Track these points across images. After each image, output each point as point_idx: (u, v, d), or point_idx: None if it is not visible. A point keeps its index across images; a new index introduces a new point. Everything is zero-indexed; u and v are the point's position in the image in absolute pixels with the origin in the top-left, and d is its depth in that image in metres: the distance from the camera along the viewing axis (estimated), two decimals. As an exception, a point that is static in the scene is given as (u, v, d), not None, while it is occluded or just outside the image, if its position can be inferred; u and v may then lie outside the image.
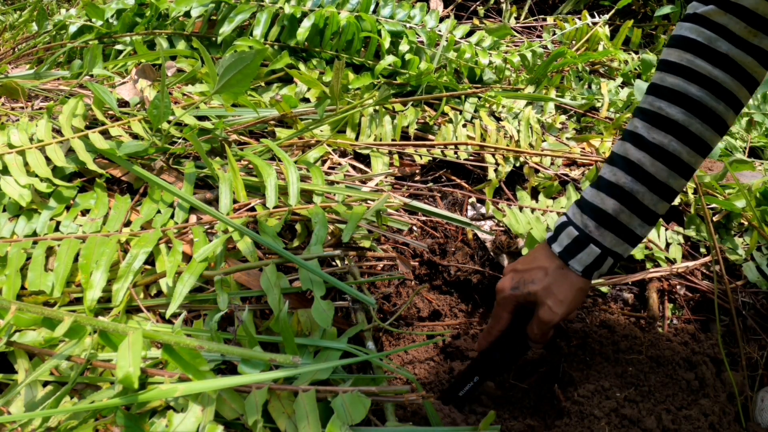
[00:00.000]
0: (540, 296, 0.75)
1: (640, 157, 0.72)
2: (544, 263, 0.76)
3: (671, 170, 0.72)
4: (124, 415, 0.58)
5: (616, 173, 0.73)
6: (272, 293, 0.75)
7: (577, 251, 0.74)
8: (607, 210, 0.73)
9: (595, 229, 0.73)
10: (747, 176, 1.25)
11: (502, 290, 0.79)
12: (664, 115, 0.71)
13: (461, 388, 0.82)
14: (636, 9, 2.23)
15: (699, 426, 0.80)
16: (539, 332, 0.77)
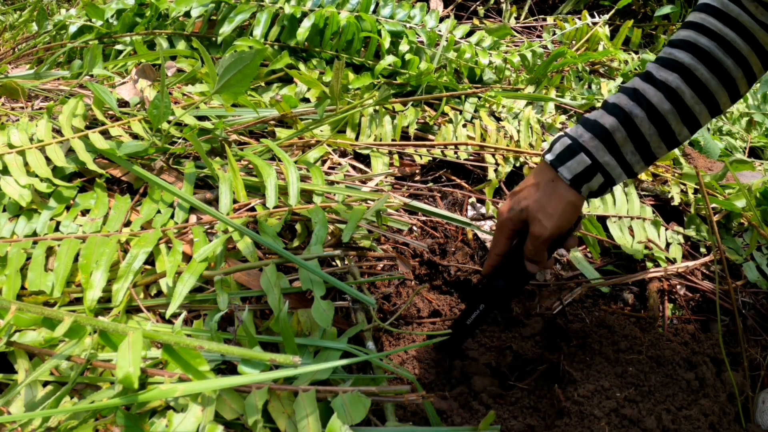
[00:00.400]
0: (531, 211, 0.77)
1: (645, 88, 0.75)
2: (537, 178, 0.78)
3: (673, 107, 0.74)
4: (124, 415, 0.58)
5: (620, 97, 0.76)
6: (272, 293, 0.75)
7: (568, 158, 0.75)
8: (604, 124, 0.75)
9: (589, 140, 0.75)
10: (747, 176, 1.25)
11: (500, 214, 0.81)
12: (672, 59, 0.75)
13: (468, 316, 0.84)
14: (636, 9, 2.23)
15: (699, 426, 0.80)
16: (533, 249, 0.78)
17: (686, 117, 0.75)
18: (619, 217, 1.13)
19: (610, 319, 0.92)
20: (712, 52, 0.73)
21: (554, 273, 1.05)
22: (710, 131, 1.58)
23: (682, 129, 0.75)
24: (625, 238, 1.09)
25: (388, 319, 0.82)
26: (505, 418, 0.82)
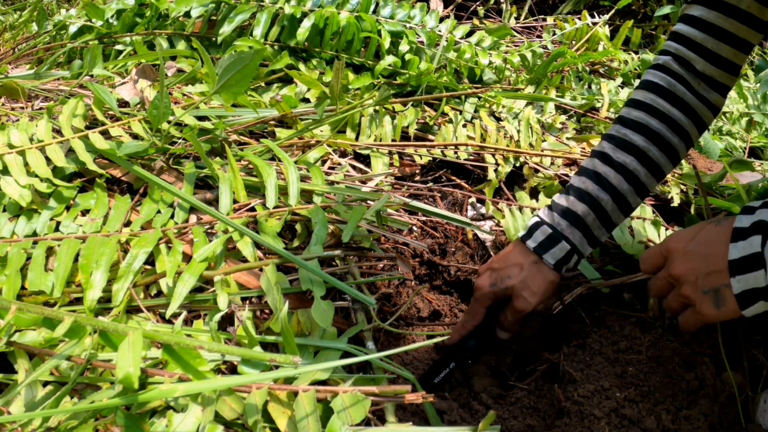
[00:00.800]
0: (516, 289, 0.83)
1: (606, 171, 0.83)
2: (519, 260, 0.84)
3: (630, 186, 0.83)
4: (124, 415, 0.58)
5: (585, 182, 0.84)
6: (272, 293, 0.75)
7: (551, 246, 0.83)
8: (577, 212, 0.83)
9: (567, 228, 0.83)
10: (747, 176, 1.25)
11: (481, 287, 0.85)
12: (628, 141, 0.83)
13: (437, 374, 0.85)
14: (636, 9, 2.23)
15: (699, 426, 0.80)
16: (513, 320, 0.84)
17: (640, 191, 0.85)
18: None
19: (610, 319, 0.92)
20: (662, 134, 0.83)
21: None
22: (710, 131, 1.58)
23: (636, 200, 0.85)
24: (625, 238, 1.09)
25: (388, 319, 0.82)
26: (505, 418, 0.82)
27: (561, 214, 0.84)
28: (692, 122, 0.84)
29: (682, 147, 0.85)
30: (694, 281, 0.66)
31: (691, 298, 0.66)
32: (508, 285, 0.83)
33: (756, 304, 0.62)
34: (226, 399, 0.63)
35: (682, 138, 0.84)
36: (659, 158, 0.83)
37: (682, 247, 0.68)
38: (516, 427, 0.79)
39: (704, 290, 0.65)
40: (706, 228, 0.67)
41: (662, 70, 0.85)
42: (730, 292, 0.63)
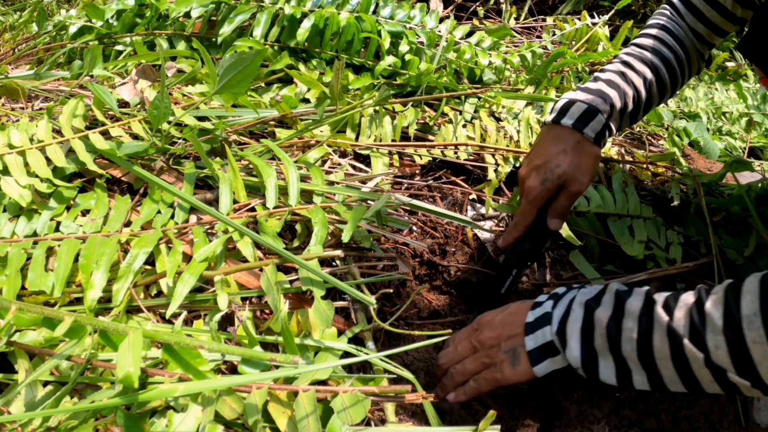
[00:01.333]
0: (568, 174, 0.87)
1: (630, 73, 0.97)
2: (561, 145, 0.89)
3: (646, 93, 0.98)
4: (124, 415, 0.58)
5: (612, 75, 0.96)
6: (272, 293, 0.75)
7: (589, 120, 0.89)
8: (609, 94, 0.93)
9: (600, 104, 0.91)
10: (746, 176, 1.25)
11: (532, 189, 0.88)
12: (646, 59, 1.00)
13: (502, 285, 0.87)
14: (635, 9, 2.23)
15: (699, 426, 0.80)
16: (567, 205, 0.89)
17: (648, 102, 1.00)
18: (619, 217, 1.13)
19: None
20: (670, 60, 1.00)
21: (554, 273, 1.05)
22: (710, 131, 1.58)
23: (643, 109, 1.00)
24: (625, 238, 1.09)
25: (388, 319, 0.82)
26: (505, 418, 0.82)
27: (592, 93, 0.92)
28: (687, 61, 1.02)
29: (680, 78, 1.02)
30: (498, 344, 0.73)
31: (493, 359, 0.72)
32: (559, 174, 0.86)
33: (544, 362, 0.70)
34: (226, 399, 0.63)
35: (681, 69, 1.01)
36: (666, 79, 1.00)
37: (490, 318, 0.76)
38: (516, 427, 0.79)
39: (505, 350, 0.72)
40: (513, 305, 0.77)
41: (666, 16, 1.03)
42: (524, 351, 0.71)
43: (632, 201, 1.16)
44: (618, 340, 0.66)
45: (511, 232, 0.91)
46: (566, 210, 0.90)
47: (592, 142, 0.89)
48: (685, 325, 0.63)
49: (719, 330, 0.60)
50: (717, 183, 1.21)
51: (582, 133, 0.88)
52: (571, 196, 0.89)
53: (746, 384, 0.60)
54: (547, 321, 0.71)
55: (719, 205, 1.13)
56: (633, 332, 0.65)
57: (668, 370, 0.64)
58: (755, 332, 0.58)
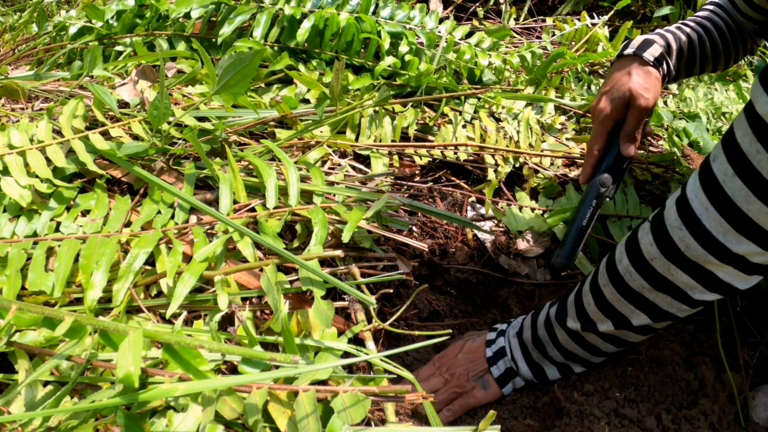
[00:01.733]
0: (634, 90, 0.94)
1: (684, 28, 1.06)
2: (624, 70, 0.97)
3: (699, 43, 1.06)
4: (125, 415, 0.58)
5: (666, 29, 1.06)
6: (272, 293, 0.75)
7: (647, 47, 0.98)
8: (665, 33, 1.04)
9: (658, 38, 1.01)
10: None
11: (602, 110, 0.96)
12: (697, 22, 1.08)
13: (584, 217, 0.92)
14: (635, 10, 2.23)
15: (699, 426, 0.80)
16: (636, 123, 0.94)
17: (703, 58, 1.08)
18: (619, 217, 1.13)
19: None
20: (720, 26, 1.08)
21: (554, 273, 1.05)
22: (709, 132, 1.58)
23: (697, 64, 1.08)
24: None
25: (388, 319, 0.82)
26: (505, 418, 0.82)
27: (650, 34, 1.03)
28: (738, 33, 1.09)
29: (731, 45, 1.09)
30: (467, 375, 0.86)
31: (464, 387, 0.85)
32: (625, 90, 0.94)
33: (509, 384, 0.87)
34: (227, 399, 0.63)
35: (732, 39, 1.09)
36: (718, 41, 1.07)
37: (453, 356, 0.89)
38: (516, 427, 0.79)
39: (474, 380, 0.86)
40: (467, 343, 0.89)
41: (714, 5, 1.11)
42: (492, 378, 0.87)
43: (632, 201, 1.16)
44: (543, 348, 0.85)
45: (587, 160, 0.97)
46: (636, 131, 0.95)
47: (653, 65, 0.97)
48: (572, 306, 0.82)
49: (588, 291, 0.81)
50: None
51: (642, 57, 0.97)
52: (638, 114, 0.94)
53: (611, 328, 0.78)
54: (503, 353, 0.87)
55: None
56: (546, 336, 0.84)
57: (577, 350, 0.83)
58: None
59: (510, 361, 0.87)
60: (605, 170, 0.95)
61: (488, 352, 0.88)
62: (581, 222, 0.93)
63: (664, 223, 0.71)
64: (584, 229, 0.92)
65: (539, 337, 0.85)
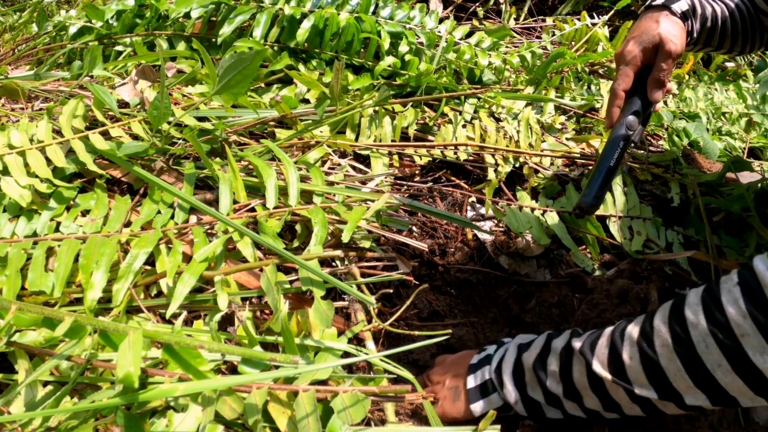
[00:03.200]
0: (662, 34, 0.95)
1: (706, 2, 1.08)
2: (653, 18, 0.98)
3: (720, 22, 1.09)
4: (125, 415, 0.58)
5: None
6: (272, 293, 0.75)
7: (674, 1, 1.00)
8: None
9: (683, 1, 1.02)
10: (746, 176, 1.25)
11: (630, 51, 0.97)
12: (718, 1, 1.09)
13: (611, 157, 0.91)
14: (635, 10, 2.23)
15: (699, 426, 0.80)
16: (666, 67, 0.95)
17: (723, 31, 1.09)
18: (619, 217, 1.13)
19: (611, 319, 0.92)
20: (741, 8, 1.09)
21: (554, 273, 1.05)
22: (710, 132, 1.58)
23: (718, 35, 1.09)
24: (625, 238, 1.09)
25: (388, 319, 0.82)
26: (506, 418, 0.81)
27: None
28: (751, 28, 1.10)
29: (749, 28, 1.10)
30: (443, 381, 0.78)
31: (437, 394, 0.77)
32: (654, 35, 0.95)
33: (480, 401, 0.74)
34: (227, 399, 0.63)
35: (751, 22, 1.10)
36: (738, 22, 1.09)
37: (443, 359, 0.83)
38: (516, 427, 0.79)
39: (449, 388, 0.77)
40: (465, 351, 0.83)
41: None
42: (465, 389, 0.76)
43: (632, 201, 1.16)
44: (544, 376, 0.71)
45: (612, 101, 0.96)
46: (665, 75, 0.95)
47: (679, 16, 0.99)
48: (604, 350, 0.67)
49: (634, 342, 0.64)
50: (717, 183, 1.21)
51: (670, 8, 0.99)
52: (667, 58, 0.94)
53: (654, 396, 0.63)
54: (487, 361, 0.77)
55: (719, 205, 1.13)
56: (555, 367, 0.70)
57: (590, 398, 0.68)
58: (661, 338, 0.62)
59: (492, 372, 0.75)
60: (633, 113, 0.95)
61: (474, 359, 0.79)
62: (608, 162, 0.91)
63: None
64: (612, 170, 0.91)
65: (545, 363, 0.71)
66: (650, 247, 1.09)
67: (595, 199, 0.89)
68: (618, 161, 0.92)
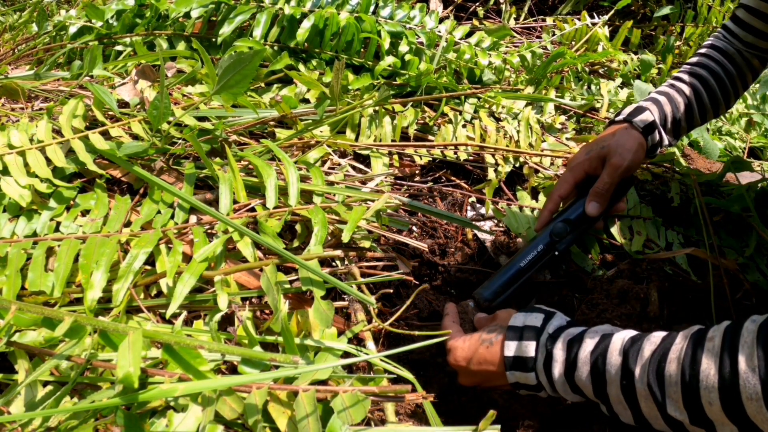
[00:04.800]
0: (612, 146, 0.94)
1: (680, 85, 1.08)
2: (611, 131, 0.99)
3: (695, 101, 1.08)
4: (124, 415, 0.58)
5: (663, 89, 1.07)
6: (272, 293, 0.75)
7: (637, 114, 1.00)
8: (657, 98, 1.05)
9: (650, 105, 1.02)
10: (746, 176, 1.25)
11: (575, 158, 0.97)
12: (695, 72, 1.09)
13: (523, 258, 0.87)
14: (635, 9, 2.23)
15: None
16: (609, 180, 0.93)
17: (702, 109, 1.08)
18: (619, 217, 1.13)
19: (611, 319, 0.92)
20: (718, 73, 1.08)
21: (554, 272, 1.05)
22: (709, 131, 1.58)
23: (696, 116, 1.08)
24: (625, 238, 1.09)
25: (388, 319, 0.82)
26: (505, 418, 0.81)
27: (646, 100, 1.05)
28: (737, 74, 1.09)
29: (729, 87, 1.09)
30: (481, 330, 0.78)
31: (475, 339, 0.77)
32: (604, 146, 0.95)
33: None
34: (226, 399, 0.63)
35: (730, 80, 1.09)
36: (716, 90, 1.08)
37: (465, 366, 0.77)
38: (516, 427, 0.79)
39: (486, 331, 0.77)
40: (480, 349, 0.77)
41: (717, 37, 1.13)
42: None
43: (632, 201, 1.16)
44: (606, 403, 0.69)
45: (545, 206, 0.95)
46: (607, 190, 0.93)
47: (640, 131, 0.98)
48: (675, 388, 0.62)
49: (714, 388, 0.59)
50: (717, 183, 1.21)
51: (631, 122, 0.99)
52: (612, 171, 0.92)
53: None
54: (532, 335, 0.73)
55: (719, 205, 1.13)
56: (617, 391, 0.67)
57: (660, 426, 0.65)
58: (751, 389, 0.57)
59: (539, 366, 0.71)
60: (563, 221, 0.91)
61: (517, 319, 0.75)
62: (519, 263, 0.86)
63: None
64: (521, 271, 0.86)
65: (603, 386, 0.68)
66: (650, 247, 1.09)
67: (491, 295, 0.86)
68: (531, 265, 0.87)
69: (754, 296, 1.02)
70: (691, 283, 1.04)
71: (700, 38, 2.01)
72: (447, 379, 0.85)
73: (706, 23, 2.02)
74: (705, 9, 2.03)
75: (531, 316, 0.75)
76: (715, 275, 1.00)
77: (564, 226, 0.89)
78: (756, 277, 1.05)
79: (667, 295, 0.99)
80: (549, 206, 0.95)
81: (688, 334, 0.64)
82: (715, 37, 1.14)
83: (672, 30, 2.09)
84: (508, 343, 0.74)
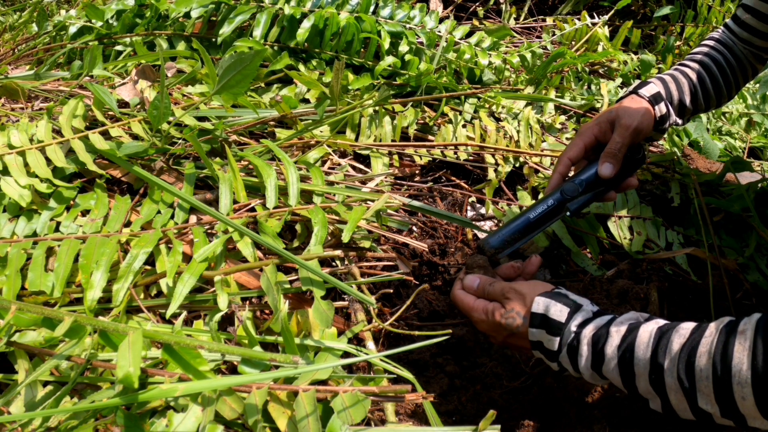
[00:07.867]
0: (621, 110, 0.96)
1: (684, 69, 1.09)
2: (619, 102, 1.01)
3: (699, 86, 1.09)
4: (124, 415, 0.58)
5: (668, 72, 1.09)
6: (272, 293, 0.75)
7: (643, 86, 1.02)
8: (662, 76, 1.07)
9: (655, 80, 1.04)
10: (746, 176, 1.25)
11: (585, 126, 0.98)
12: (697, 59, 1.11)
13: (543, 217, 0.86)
14: (635, 9, 2.23)
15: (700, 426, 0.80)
16: (619, 141, 0.93)
17: (705, 94, 1.09)
18: (619, 217, 1.13)
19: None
20: (719, 61, 1.10)
21: (554, 272, 1.05)
22: (710, 132, 1.58)
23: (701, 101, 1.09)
24: (625, 238, 1.09)
25: (388, 319, 0.82)
26: (505, 418, 0.81)
27: (649, 78, 1.07)
28: (738, 66, 1.11)
29: (730, 77, 1.11)
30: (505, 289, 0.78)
31: None
32: (613, 109, 0.97)
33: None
34: (226, 399, 0.63)
35: (731, 70, 1.10)
36: (719, 77, 1.09)
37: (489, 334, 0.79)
38: (516, 427, 0.79)
39: None
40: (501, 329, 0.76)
41: (718, 32, 1.15)
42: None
43: (632, 201, 1.16)
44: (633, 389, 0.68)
45: (555, 169, 0.95)
46: (619, 150, 0.93)
47: (646, 99, 1.00)
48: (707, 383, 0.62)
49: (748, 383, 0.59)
50: (717, 183, 1.21)
51: (637, 92, 1.01)
52: (623, 131, 0.93)
53: None
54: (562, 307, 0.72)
55: (719, 205, 1.13)
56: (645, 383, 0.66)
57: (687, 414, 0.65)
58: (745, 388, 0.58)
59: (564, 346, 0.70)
60: (574, 182, 0.90)
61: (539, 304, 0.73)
62: (529, 214, 0.86)
63: None
64: (530, 224, 0.85)
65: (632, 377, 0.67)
66: (650, 247, 1.09)
67: (499, 243, 0.85)
68: (541, 219, 0.86)
69: (754, 296, 1.02)
70: (691, 283, 1.04)
71: (699, 38, 2.01)
72: (447, 379, 0.85)
73: (706, 23, 2.02)
74: (705, 9, 2.03)
75: (556, 307, 0.73)
76: (715, 275, 1.00)
77: (575, 186, 0.90)
78: (756, 277, 1.05)
79: (667, 295, 1.00)
80: (559, 168, 0.95)
81: (719, 326, 0.63)
82: (716, 33, 1.17)
83: (672, 30, 2.09)
84: (531, 331, 0.74)
